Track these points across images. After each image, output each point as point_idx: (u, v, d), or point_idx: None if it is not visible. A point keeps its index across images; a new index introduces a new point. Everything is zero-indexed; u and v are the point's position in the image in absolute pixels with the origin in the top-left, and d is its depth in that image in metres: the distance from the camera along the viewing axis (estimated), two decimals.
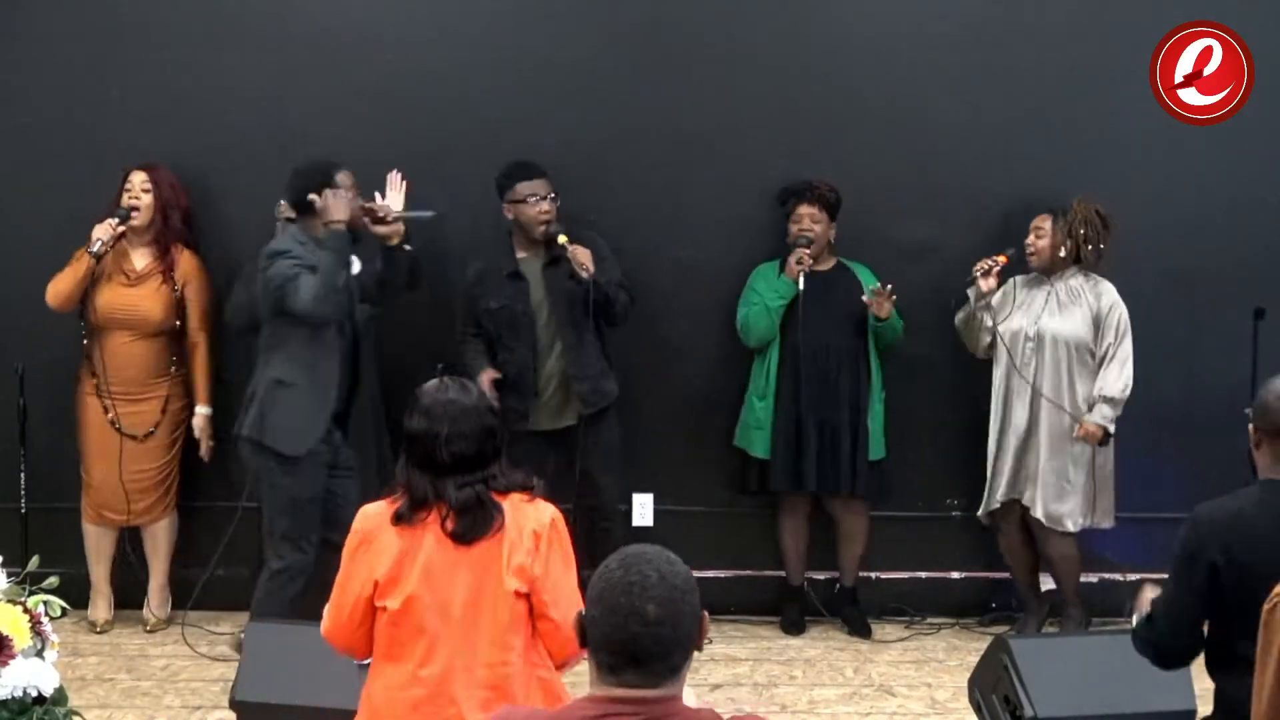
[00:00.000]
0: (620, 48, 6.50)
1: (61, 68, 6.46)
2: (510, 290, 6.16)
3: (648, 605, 2.56)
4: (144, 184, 6.25)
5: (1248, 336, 6.27)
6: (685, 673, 2.63)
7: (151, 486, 6.36)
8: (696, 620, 2.62)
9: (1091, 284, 6.18)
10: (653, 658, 2.56)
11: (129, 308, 6.25)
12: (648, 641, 2.55)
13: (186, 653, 6.23)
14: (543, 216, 6.11)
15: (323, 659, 4.58)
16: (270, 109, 6.48)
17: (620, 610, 2.56)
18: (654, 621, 2.55)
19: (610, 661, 2.58)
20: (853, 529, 6.49)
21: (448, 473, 3.65)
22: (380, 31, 6.50)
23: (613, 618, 2.57)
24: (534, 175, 6.14)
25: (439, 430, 3.65)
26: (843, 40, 6.53)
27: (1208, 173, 6.49)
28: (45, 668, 3.76)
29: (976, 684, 5.03)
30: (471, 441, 3.65)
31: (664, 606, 2.56)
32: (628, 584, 2.58)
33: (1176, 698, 4.73)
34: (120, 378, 6.26)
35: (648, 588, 2.57)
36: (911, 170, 6.48)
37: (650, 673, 2.57)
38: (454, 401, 3.67)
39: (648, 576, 2.58)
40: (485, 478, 3.65)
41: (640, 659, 2.56)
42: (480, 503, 3.64)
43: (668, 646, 2.57)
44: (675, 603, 2.58)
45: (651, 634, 2.55)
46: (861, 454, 6.31)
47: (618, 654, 2.57)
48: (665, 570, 2.60)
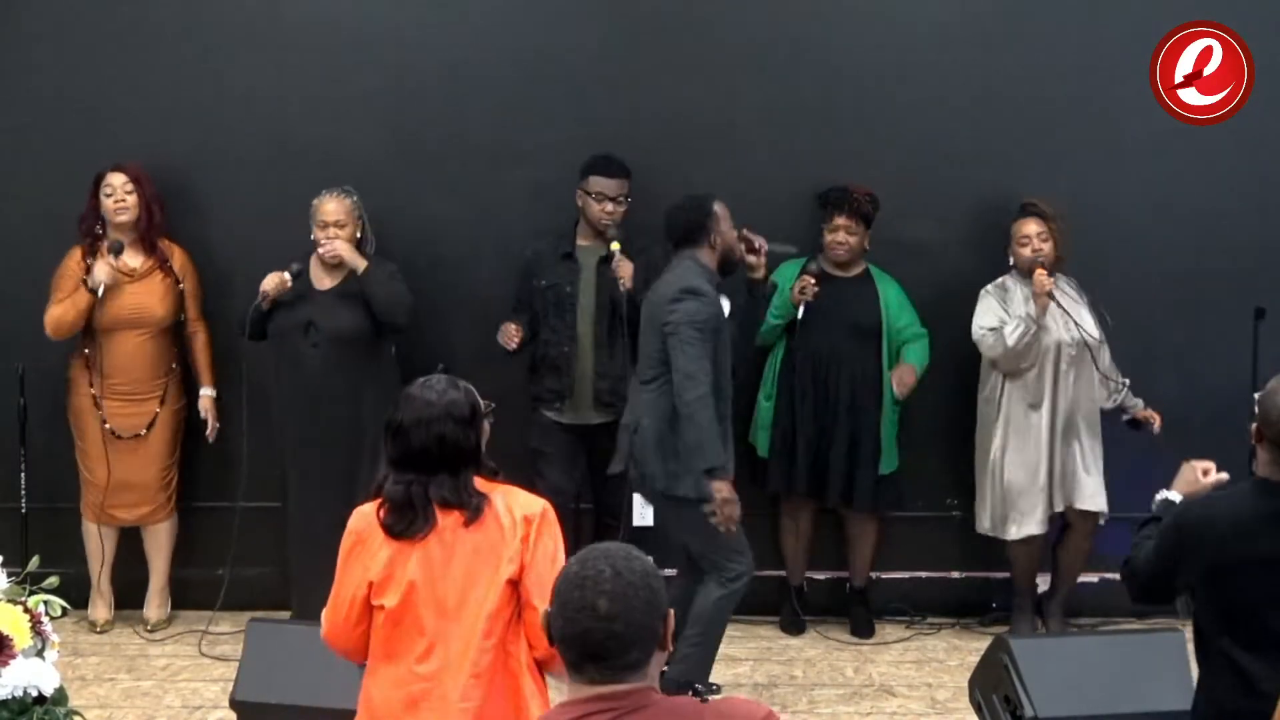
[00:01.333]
0: (624, 45, 6.50)
1: (61, 68, 6.46)
2: (562, 270, 6.20)
3: (599, 599, 2.55)
4: (126, 185, 6.23)
5: (1248, 336, 6.27)
6: (652, 668, 2.62)
7: (152, 487, 6.35)
8: (658, 616, 2.60)
9: (1072, 284, 6.27)
10: (608, 653, 2.56)
11: (137, 306, 6.24)
12: (600, 635, 2.55)
13: (186, 653, 6.23)
14: (604, 217, 6.15)
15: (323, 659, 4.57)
16: (269, 108, 6.48)
17: (572, 604, 2.57)
18: (605, 616, 2.55)
19: (570, 658, 2.59)
20: (863, 531, 6.50)
21: (395, 466, 3.65)
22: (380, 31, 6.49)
23: (566, 612, 2.58)
24: (611, 174, 6.17)
25: (394, 420, 3.66)
26: (845, 40, 6.52)
27: (1207, 173, 6.49)
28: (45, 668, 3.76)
29: (976, 684, 5.03)
30: (414, 440, 3.62)
31: (615, 601, 2.55)
32: (581, 578, 2.58)
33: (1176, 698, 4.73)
34: (126, 377, 6.27)
35: (600, 582, 2.56)
36: (912, 171, 6.47)
37: (609, 668, 2.57)
38: (424, 399, 3.65)
39: (601, 571, 2.58)
40: (427, 482, 3.61)
41: (596, 654, 2.56)
42: (409, 501, 3.61)
43: (621, 641, 2.56)
44: (628, 597, 2.56)
45: (603, 629, 2.55)
46: (868, 468, 6.30)
47: (574, 649, 2.58)
48: (620, 566, 2.59)
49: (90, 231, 6.25)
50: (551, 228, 6.32)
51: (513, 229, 6.39)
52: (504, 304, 6.34)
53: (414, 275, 6.34)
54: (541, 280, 6.22)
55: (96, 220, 6.27)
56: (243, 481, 6.27)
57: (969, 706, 5.15)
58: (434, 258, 6.48)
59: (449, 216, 6.51)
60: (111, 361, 6.25)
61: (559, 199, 6.30)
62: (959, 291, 6.37)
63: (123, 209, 6.22)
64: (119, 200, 6.22)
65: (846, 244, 6.28)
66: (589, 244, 6.24)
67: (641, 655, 2.58)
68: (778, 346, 6.31)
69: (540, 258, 6.25)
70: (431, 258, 6.47)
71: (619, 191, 6.17)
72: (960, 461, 6.55)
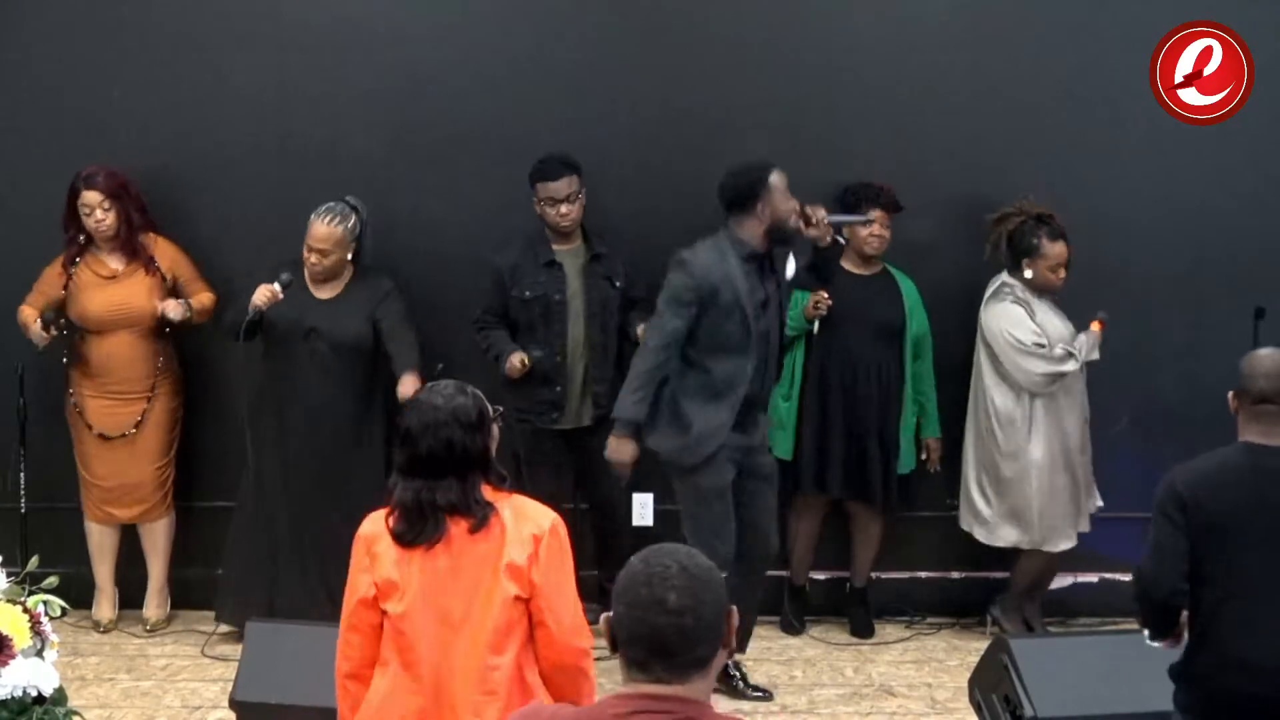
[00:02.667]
0: (624, 45, 6.50)
1: (60, 68, 6.46)
2: (546, 279, 6.15)
3: (669, 594, 2.55)
4: (103, 204, 6.19)
5: (1248, 336, 6.25)
6: (714, 669, 2.62)
7: (147, 486, 6.35)
8: (722, 613, 2.60)
9: None
10: (677, 649, 2.56)
11: (120, 306, 6.24)
12: (671, 632, 2.55)
13: (186, 653, 6.23)
14: (562, 220, 6.12)
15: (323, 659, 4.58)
16: (269, 108, 6.48)
17: (642, 602, 2.56)
18: (675, 610, 2.55)
19: (637, 657, 2.58)
20: (869, 532, 6.50)
21: (403, 472, 3.66)
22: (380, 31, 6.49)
23: (635, 610, 2.57)
24: (554, 175, 6.11)
25: (401, 426, 3.68)
26: (845, 40, 6.52)
27: (1208, 173, 6.49)
28: (45, 668, 3.76)
29: (976, 684, 5.03)
30: (422, 446, 3.62)
31: (684, 595, 2.55)
32: (649, 575, 2.58)
33: None
34: (115, 377, 6.27)
35: (668, 577, 2.57)
36: (912, 170, 6.47)
37: (677, 666, 2.56)
38: (429, 405, 3.66)
39: (668, 567, 2.58)
40: (435, 487, 3.61)
41: (665, 651, 2.56)
42: (419, 509, 3.61)
43: (691, 636, 2.56)
44: (696, 591, 2.57)
45: (674, 624, 2.54)
46: (892, 465, 6.32)
47: (643, 647, 2.57)
48: (686, 561, 2.60)
49: (74, 240, 6.25)
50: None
51: (512, 229, 6.38)
52: None
53: (414, 275, 6.34)
54: (525, 292, 6.14)
55: (79, 230, 6.26)
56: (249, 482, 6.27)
57: (969, 706, 5.15)
58: (434, 258, 6.47)
59: (449, 216, 6.50)
60: (100, 361, 6.26)
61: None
62: (959, 291, 6.37)
63: (102, 228, 6.22)
64: (98, 220, 6.21)
65: (882, 236, 6.29)
66: (566, 248, 6.19)
67: (708, 652, 2.58)
68: (795, 348, 6.28)
69: (519, 269, 6.15)
70: (432, 258, 6.47)
71: (568, 190, 6.11)
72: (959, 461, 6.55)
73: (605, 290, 6.15)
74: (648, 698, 2.56)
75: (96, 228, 6.22)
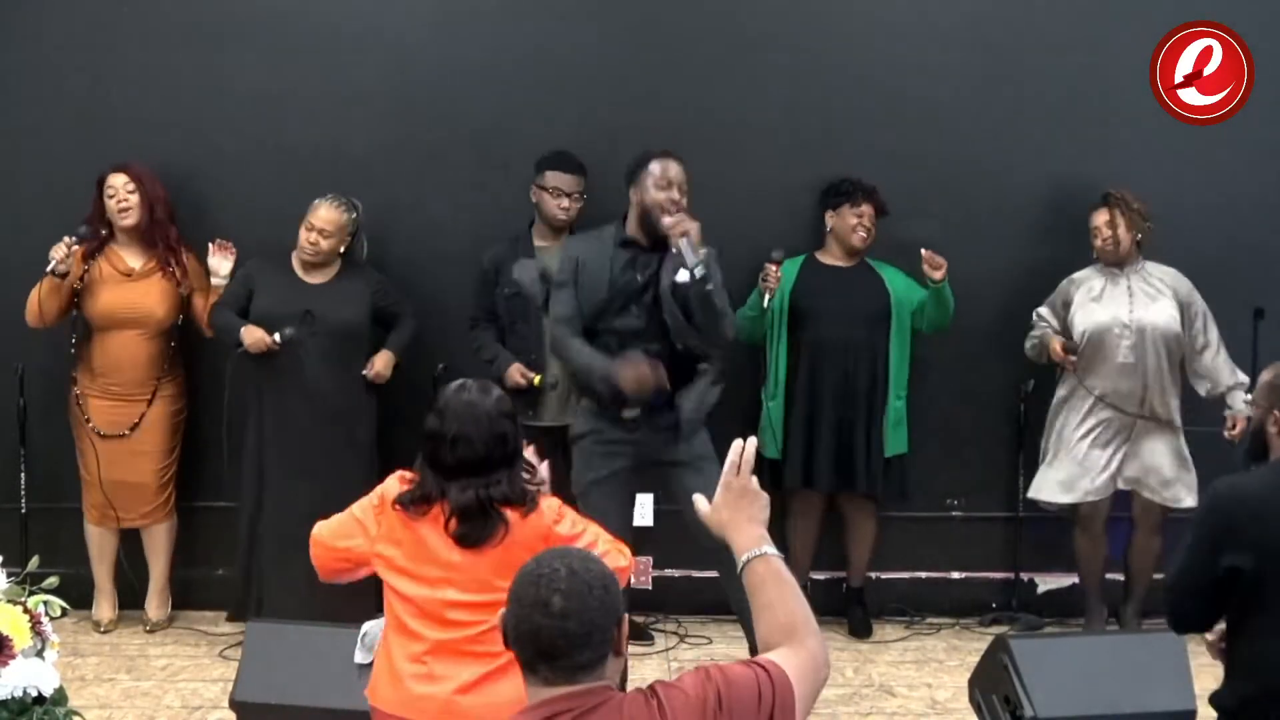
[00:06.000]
0: (624, 45, 6.50)
1: (61, 69, 6.46)
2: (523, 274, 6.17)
3: (553, 596, 2.55)
4: (127, 186, 6.22)
5: (1248, 336, 6.27)
6: (605, 671, 2.61)
7: (148, 488, 6.35)
8: (611, 619, 2.59)
9: (1163, 274, 6.20)
10: (560, 652, 2.55)
11: (131, 305, 6.24)
12: (552, 634, 2.54)
13: (186, 653, 6.23)
14: (560, 213, 6.13)
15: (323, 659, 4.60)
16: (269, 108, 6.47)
17: (527, 601, 2.57)
18: (558, 614, 2.54)
19: (524, 656, 2.59)
20: (864, 529, 6.50)
21: (454, 474, 3.66)
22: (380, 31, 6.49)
23: (520, 609, 2.58)
24: (567, 169, 6.15)
25: (448, 431, 3.66)
26: (846, 40, 6.52)
27: (1208, 173, 6.49)
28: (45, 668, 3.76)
29: (976, 684, 5.03)
30: (478, 445, 3.64)
31: (570, 599, 2.55)
32: (537, 576, 2.58)
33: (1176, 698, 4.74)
34: (120, 377, 6.26)
35: (555, 580, 2.56)
36: (912, 171, 6.47)
37: (561, 668, 2.56)
38: (470, 404, 3.67)
39: (557, 570, 2.58)
40: (490, 483, 3.65)
41: (548, 653, 2.56)
42: (481, 508, 3.64)
43: (574, 640, 2.55)
44: (582, 596, 2.55)
45: (556, 627, 2.54)
46: (876, 453, 6.31)
47: (527, 647, 2.57)
48: (577, 566, 2.59)
49: (96, 234, 6.25)
50: None
51: (513, 229, 6.39)
52: None
53: (414, 275, 6.35)
54: (505, 289, 6.16)
55: (102, 223, 6.27)
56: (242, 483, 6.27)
57: (969, 706, 5.15)
58: (434, 257, 6.48)
59: (449, 216, 6.50)
60: (105, 360, 6.25)
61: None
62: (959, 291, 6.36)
63: (125, 209, 6.22)
64: (121, 200, 6.22)
65: (869, 229, 6.30)
66: (547, 244, 6.19)
67: (594, 656, 2.58)
68: (776, 346, 6.29)
69: (501, 264, 6.19)
70: (432, 257, 6.47)
71: (575, 188, 6.15)
72: (959, 460, 6.56)
73: None
74: (546, 704, 2.57)
75: (118, 209, 6.21)
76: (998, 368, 6.54)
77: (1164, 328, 6.13)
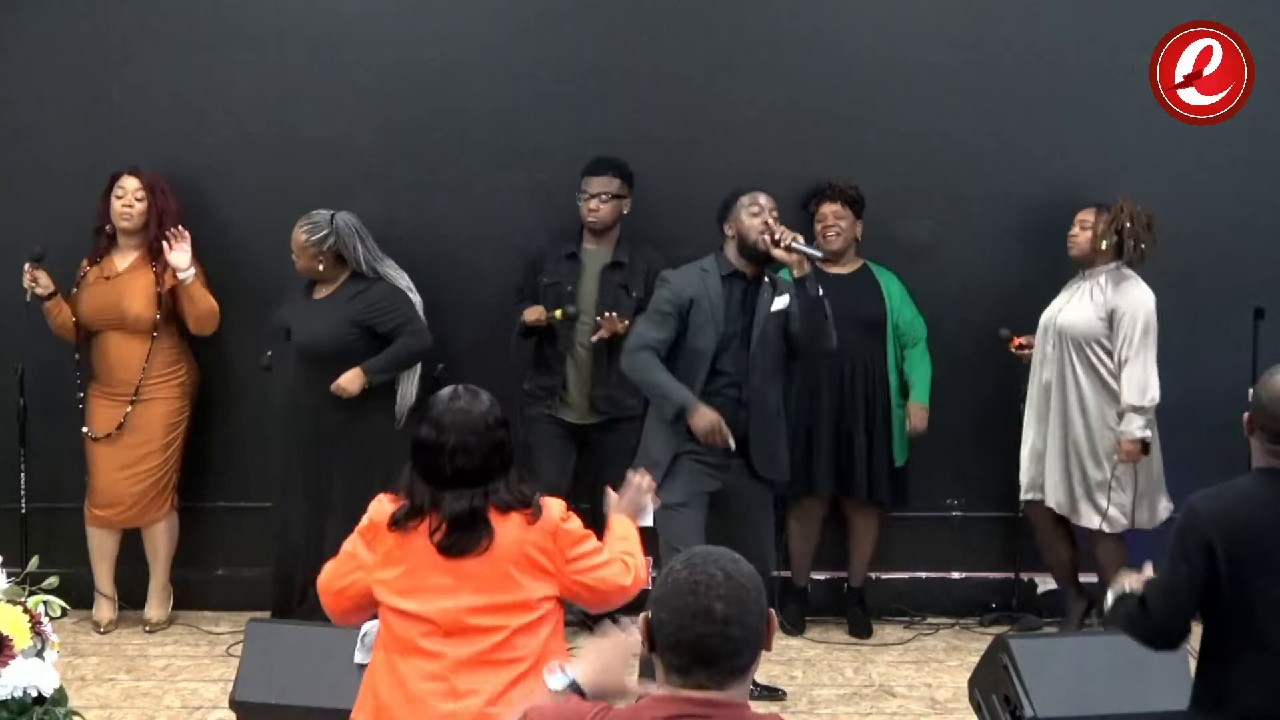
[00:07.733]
0: (624, 45, 6.50)
1: (63, 70, 6.46)
2: (564, 270, 6.22)
3: (715, 603, 2.52)
4: (137, 191, 6.23)
5: (1248, 336, 6.27)
6: (753, 673, 2.61)
7: (141, 489, 6.34)
8: (764, 618, 2.58)
9: (1117, 281, 6.06)
10: (721, 657, 2.53)
11: (110, 306, 6.24)
12: (716, 641, 2.52)
13: (186, 653, 6.23)
14: (589, 215, 6.19)
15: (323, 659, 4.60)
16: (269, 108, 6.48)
17: (687, 610, 2.53)
18: (721, 620, 2.52)
19: (679, 663, 2.55)
20: (865, 531, 6.51)
21: (449, 484, 3.61)
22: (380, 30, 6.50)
23: (680, 618, 2.53)
24: (595, 170, 6.20)
25: (444, 441, 3.60)
26: (846, 40, 6.52)
27: (1208, 173, 6.49)
28: (45, 668, 3.76)
29: (976, 684, 5.03)
30: (475, 455, 3.60)
31: (731, 605, 2.52)
32: (694, 583, 2.54)
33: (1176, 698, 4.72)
34: (111, 377, 6.26)
35: (714, 586, 2.53)
36: (912, 170, 6.48)
37: (719, 672, 2.54)
38: (463, 412, 3.62)
39: (713, 575, 2.54)
40: (486, 491, 3.61)
41: (709, 659, 2.53)
42: (472, 517, 3.59)
43: (736, 645, 2.53)
44: (742, 600, 2.54)
45: (719, 632, 2.52)
46: (880, 460, 6.32)
47: (686, 655, 2.54)
48: (730, 569, 2.56)
49: (99, 230, 6.25)
50: (556, 227, 6.34)
51: (513, 229, 6.40)
52: (504, 304, 6.33)
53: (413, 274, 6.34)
54: (544, 278, 6.23)
55: (105, 221, 6.27)
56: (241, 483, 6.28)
57: (969, 706, 5.15)
58: (434, 257, 6.47)
59: (449, 216, 6.51)
60: (99, 361, 6.29)
61: (559, 199, 6.31)
62: (958, 291, 6.37)
63: (128, 213, 6.22)
64: (127, 204, 6.23)
65: (836, 227, 6.30)
66: (594, 248, 6.24)
67: (750, 658, 2.57)
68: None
69: (545, 255, 6.27)
70: (432, 257, 6.47)
71: (601, 188, 6.18)
72: (959, 461, 6.56)
73: (619, 296, 6.15)
74: (687, 701, 2.54)
75: (124, 212, 6.22)
76: (998, 367, 6.54)
77: (1080, 330, 6.06)
